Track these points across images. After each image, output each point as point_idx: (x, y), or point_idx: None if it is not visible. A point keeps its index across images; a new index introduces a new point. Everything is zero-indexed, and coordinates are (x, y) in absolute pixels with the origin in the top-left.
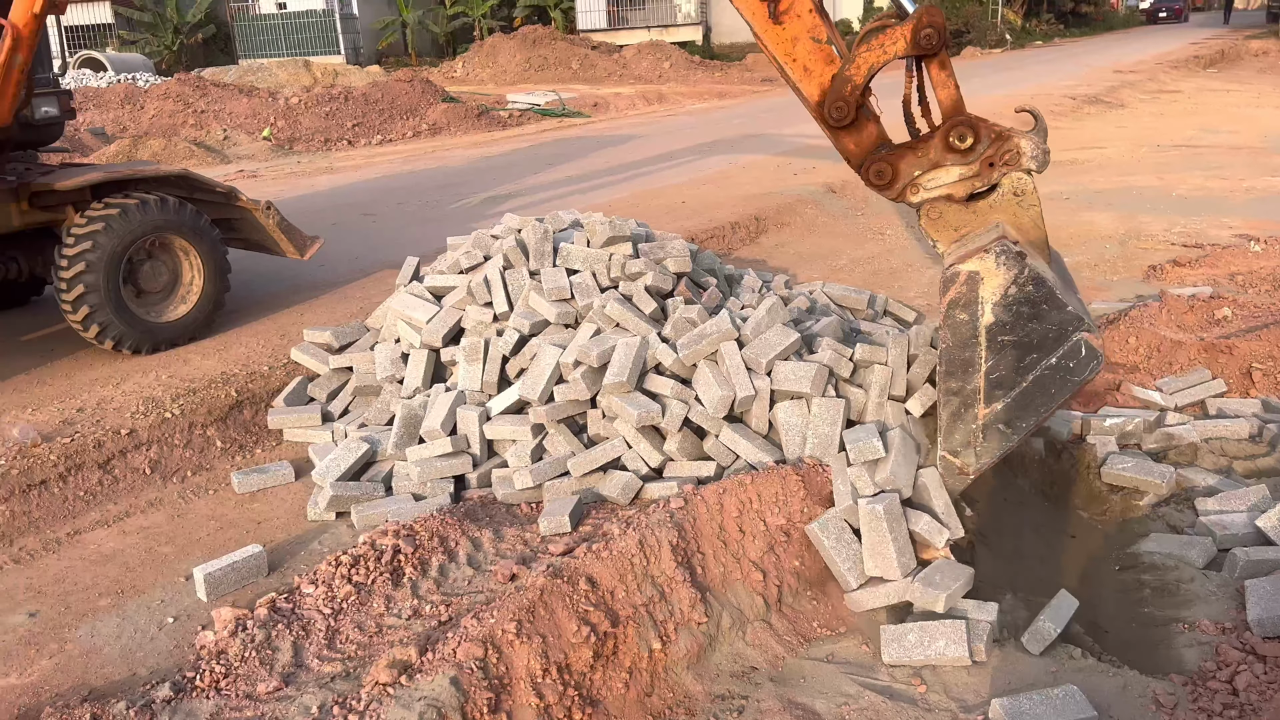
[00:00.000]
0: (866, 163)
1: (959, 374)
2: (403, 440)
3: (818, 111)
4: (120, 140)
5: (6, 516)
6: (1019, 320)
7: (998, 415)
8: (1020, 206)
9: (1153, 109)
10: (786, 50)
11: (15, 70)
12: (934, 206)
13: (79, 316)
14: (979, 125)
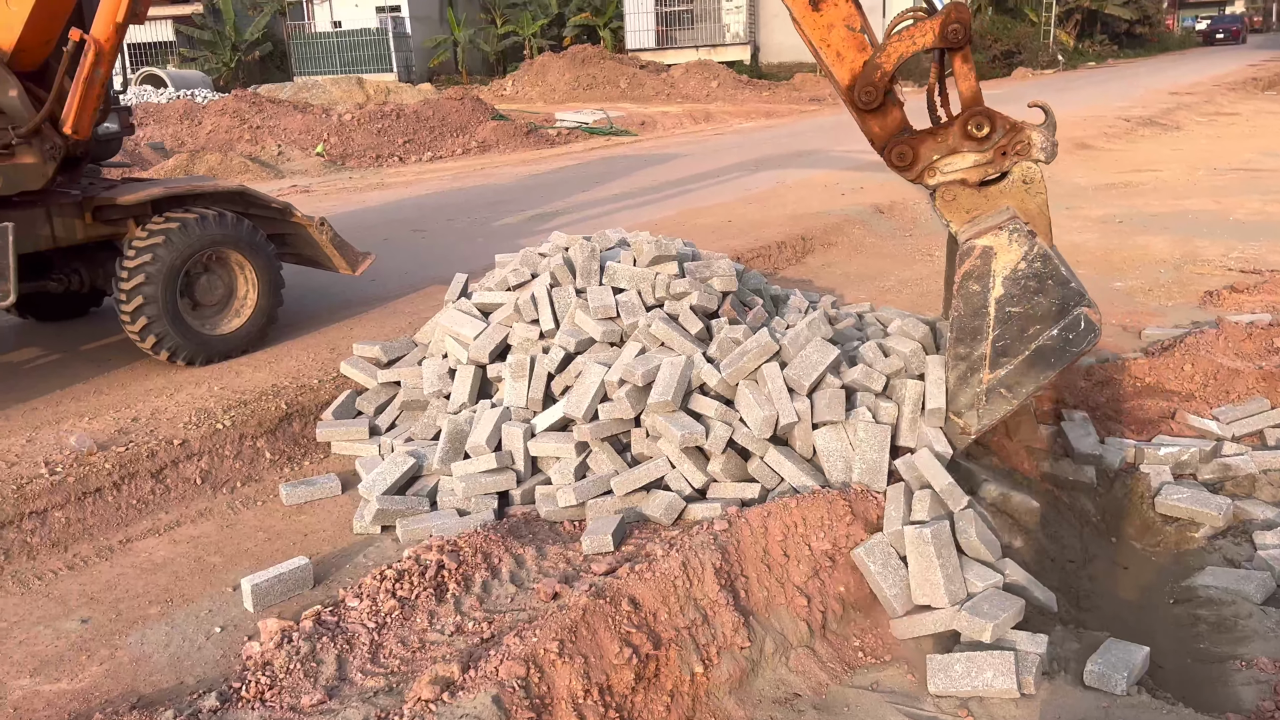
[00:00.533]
0: (889, 145)
1: (968, 340)
2: (448, 455)
3: (848, 95)
4: (178, 155)
5: (62, 523)
6: (1026, 293)
7: (1001, 380)
8: (1028, 193)
9: (1210, 131)
10: (822, 36)
11: (96, 84)
12: (949, 189)
13: (137, 327)
14: (995, 116)
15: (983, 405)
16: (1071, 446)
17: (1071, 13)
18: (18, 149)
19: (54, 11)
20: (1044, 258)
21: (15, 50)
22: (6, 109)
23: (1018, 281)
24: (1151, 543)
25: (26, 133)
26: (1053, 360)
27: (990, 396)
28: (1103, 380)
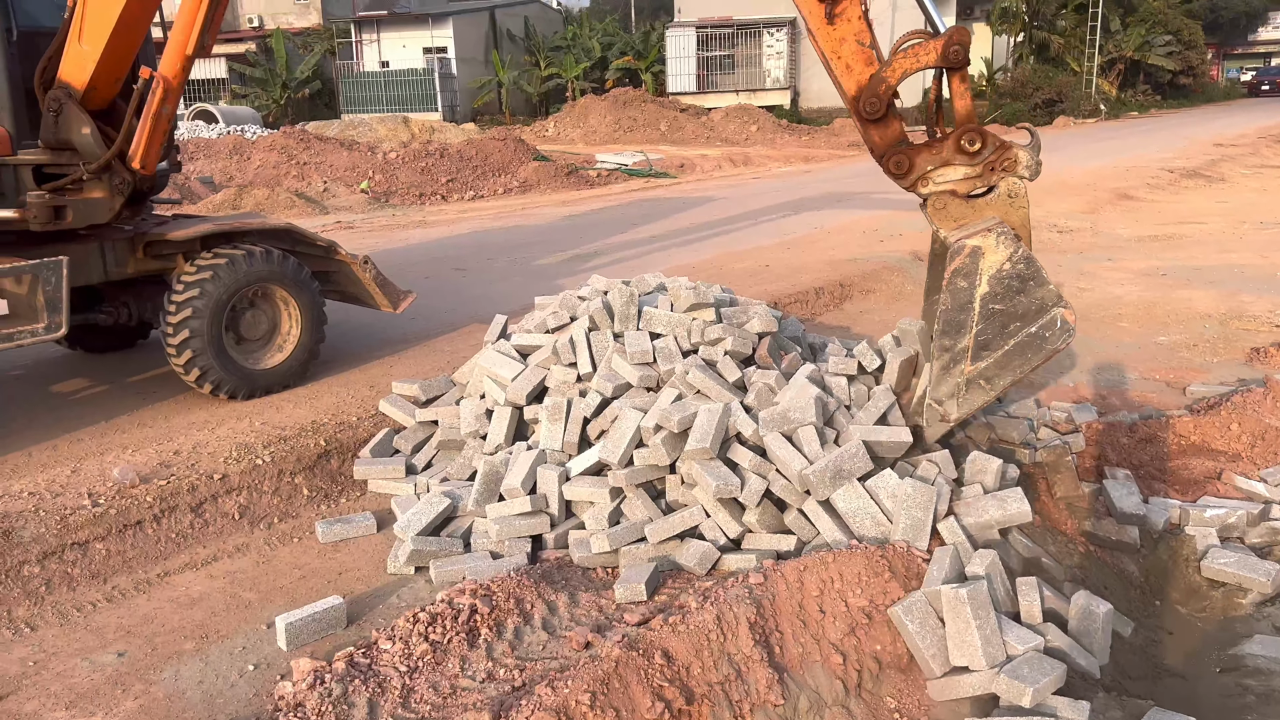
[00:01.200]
0: (888, 154)
1: (952, 333)
2: (483, 497)
3: (853, 104)
4: (227, 189)
5: (103, 555)
6: (1009, 292)
7: (981, 372)
8: (1012, 206)
9: (1255, 184)
10: (834, 48)
11: (164, 121)
12: (940, 198)
13: (182, 360)
14: (986, 134)
15: (962, 395)
16: (1114, 505)
17: (1114, 62)
18: (87, 184)
19: (124, 50)
20: (1027, 260)
21: (86, 89)
22: (79, 146)
23: (1002, 280)
24: (1197, 608)
25: (97, 168)
26: (1030, 355)
27: (970, 387)
28: (1146, 437)
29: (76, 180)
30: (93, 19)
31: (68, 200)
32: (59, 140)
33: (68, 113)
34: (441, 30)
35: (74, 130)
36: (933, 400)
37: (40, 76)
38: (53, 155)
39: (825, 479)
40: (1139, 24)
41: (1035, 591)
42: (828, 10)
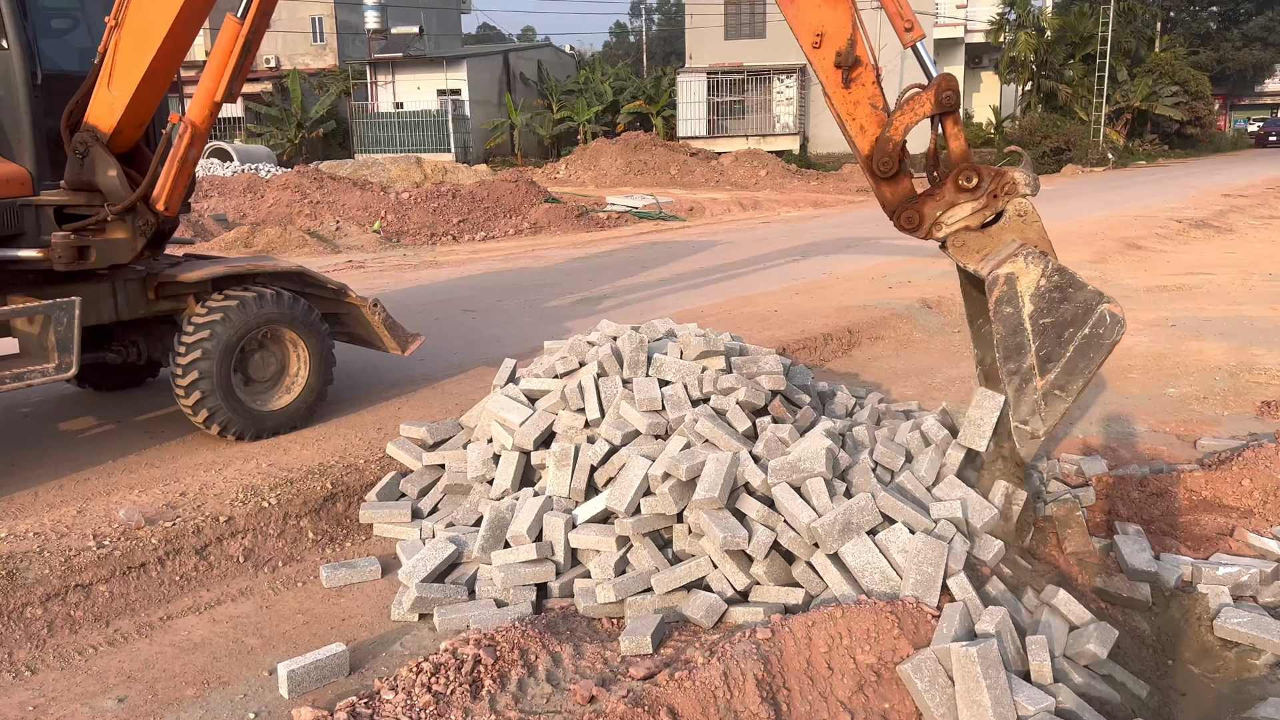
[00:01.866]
0: (898, 211)
1: (1015, 357)
2: (489, 543)
3: (867, 164)
4: (240, 227)
5: (106, 598)
6: (1053, 304)
7: (1052, 383)
8: (1025, 225)
9: (1264, 235)
10: (849, 111)
11: (189, 164)
12: (957, 237)
13: (190, 401)
14: (980, 168)
15: (1042, 409)
16: (1125, 562)
17: (1121, 112)
18: (110, 225)
19: (153, 95)
20: (1060, 271)
21: (113, 132)
22: (104, 188)
23: (1043, 296)
24: (1210, 668)
25: (122, 209)
26: (1091, 355)
27: (1047, 400)
28: (1157, 492)
29: (100, 221)
30: (123, 66)
31: (91, 240)
32: (84, 182)
33: (94, 155)
34: (456, 73)
35: (100, 172)
36: (1017, 423)
37: (67, 119)
38: (75, 196)
39: (834, 532)
40: (1146, 74)
41: (1045, 651)
42: (844, 76)
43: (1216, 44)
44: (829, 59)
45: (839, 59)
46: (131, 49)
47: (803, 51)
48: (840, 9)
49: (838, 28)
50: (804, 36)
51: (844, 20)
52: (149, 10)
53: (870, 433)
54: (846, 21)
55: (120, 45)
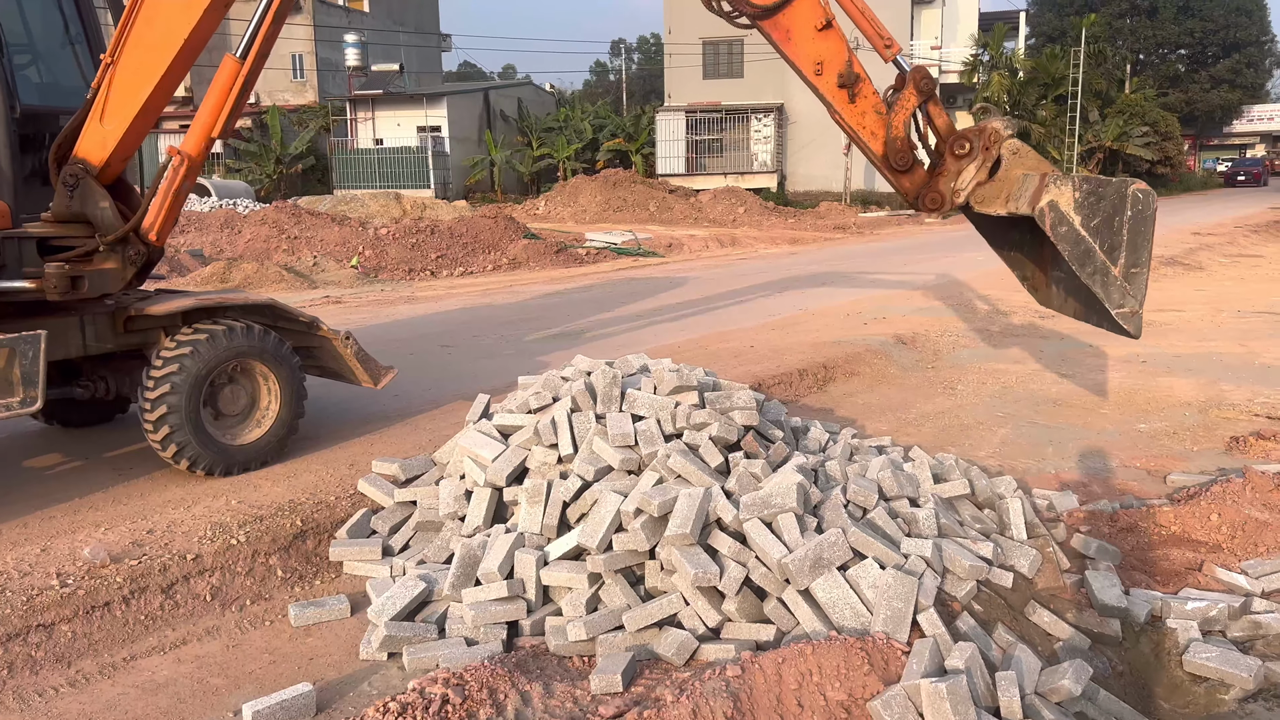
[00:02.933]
0: (921, 196)
1: (1087, 261)
2: (460, 581)
3: (883, 162)
4: (216, 262)
5: (68, 638)
6: (1093, 207)
7: (1125, 264)
8: (1022, 157)
9: (1233, 273)
10: (859, 121)
11: (182, 196)
12: (975, 194)
13: (159, 436)
14: (965, 133)
15: (1129, 289)
16: (1095, 597)
17: (1093, 152)
18: (99, 255)
19: (143, 130)
20: (1085, 179)
21: (103, 166)
22: (95, 219)
23: (1082, 205)
24: (1180, 703)
25: (114, 240)
26: (1142, 228)
27: (1129, 278)
28: (1127, 527)
29: (88, 252)
30: (117, 102)
31: (83, 271)
32: (73, 213)
33: (85, 187)
34: (436, 110)
35: (91, 204)
36: (1116, 311)
37: (56, 152)
38: (61, 228)
39: (804, 567)
40: (1117, 115)
41: (1015, 687)
42: (849, 94)
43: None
44: (832, 82)
45: (841, 80)
46: (126, 86)
47: (806, 81)
48: (833, 38)
49: (834, 54)
50: (806, 67)
51: (838, 46)
52: (146, 49)
53: (843, 468)
54: (841, 47)
55: (115, 82)
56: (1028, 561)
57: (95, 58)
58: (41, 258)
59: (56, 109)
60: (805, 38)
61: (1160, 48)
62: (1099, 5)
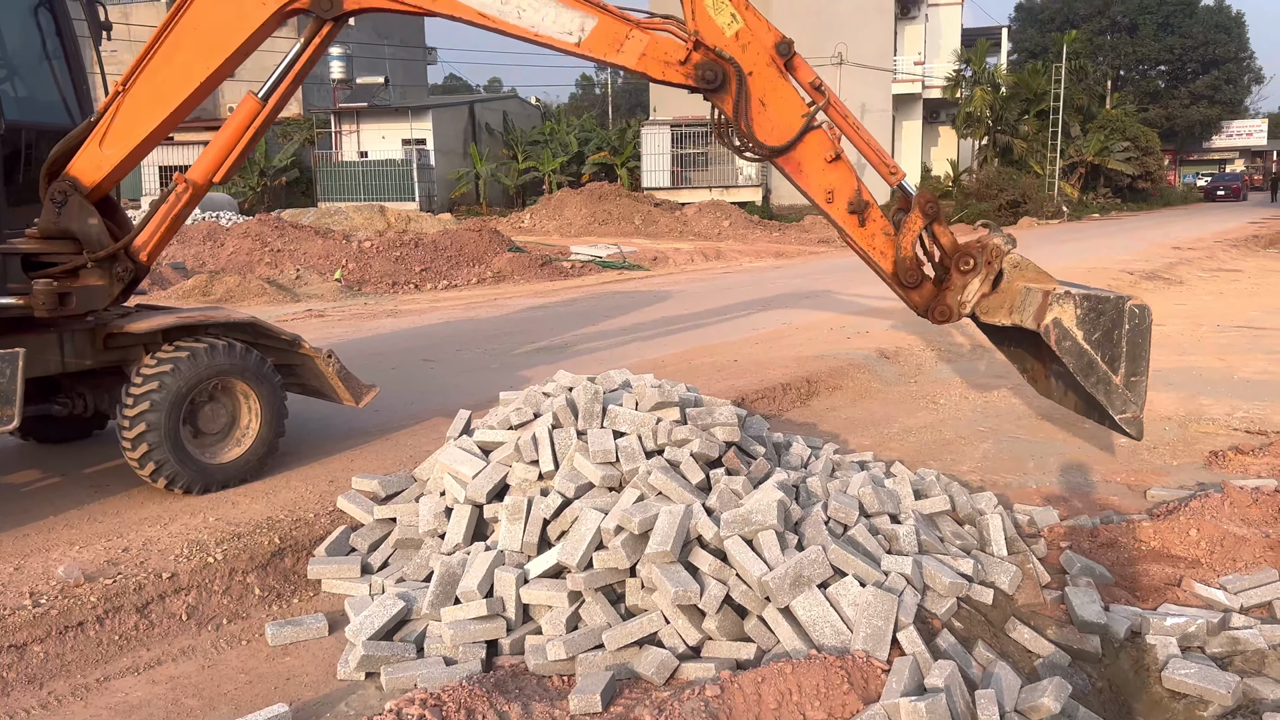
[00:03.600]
0: (930, 309)
1: (1091, 372)
2: (439, 599)
3: (893, 279)
4: (198, 275)
5: (41, 659)
6: (1094, 323)
7: (1126, 373)
8: (1023, 270)
9: (1212, 288)
10: (869, 243)
11: (181, 220)
12: (980, 305)
13: (136, 454)
14: (969, 248)
15: (1130, 396)
16: (1075, 614)
17: (1075, 166)
18: (86, 271)
19: (141, 156)
20: (1085, 298)
21: (95, 187)
22: (83, 236)
23: (1084, 321)
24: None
25: (103, 257)
26: (1140, 340)
27: (1130, 386)
28: (1107, 542)
29: (74, 268)
30: (122, 129)
31: (71, 287)
32: (60, 230)
33: (73, 204)
34: (421, 123)
35: (80, 220)
36: (1119, 417)
37: (48, 168)
38: (47, 244)
39: (784, 585)
40: (1098, 130)
41: (994, 705)
42: (859, 219)
43: (1165, 102)
44: (843, 209)
45: (851, 207)
46: (134, 116)
47: (818, 207)
48: (841, 169)
49: (843, 183)
50: (817, 196)
51: (847, 176)
52: (160, 83)
53: (824, 484)
54: (850, 176)
55: (123, 110)
56: (1008, 578)
57: (74, 74)
58: (25, 274)
59: (37, 125)
60: (816, 170)
61: (1140, 64)
62: (1080, 22)
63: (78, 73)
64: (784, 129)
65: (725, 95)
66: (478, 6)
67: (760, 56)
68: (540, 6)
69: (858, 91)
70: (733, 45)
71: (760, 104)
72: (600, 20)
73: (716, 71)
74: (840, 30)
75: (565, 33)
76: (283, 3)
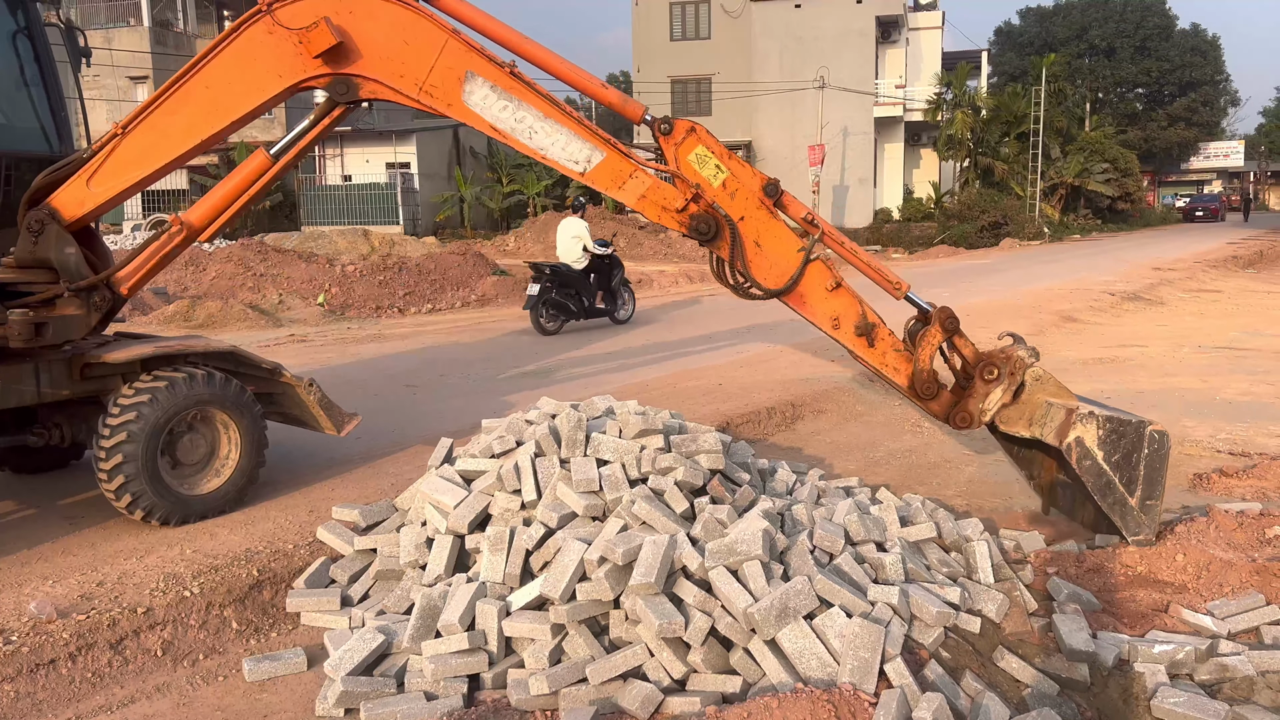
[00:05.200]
0: (951, 417)
1: (1108, 493)
2: (420, 632)
3: (910, 392)
4: (179, 300)
5: (11, 698)
6: (1115, 444)
7: (1142, 496)
8: (1043, 384)
9: (1193, 308)
10: (880, 361)
11: (170, 260)
12: (1000, 415)
13: (113, 486)
14: (994, 358)
15: (1144, 520)
16: (1063, 641)
17: (1056, 188)
18: (62, 301)
19: (125, 198)
20: (1108, 419)
21: (74, 220)
22: (60, 265)
23: (1105, 442)
24: None
25: (83, 287)
26: (1158, 465)
27: (1144, 510)
28: (1094, 567)
29: (50, 298)
30: (114, 171)
31: (47, 317)
32: (36, 259)
33: (50, 233)
34: (405, 146)
35: (57, 250)
36: (1132, 539)
37: (30, 196)
38: (20, 273)
39: (770, 617)
40: (1078, 152)
41: None
42: (867, 340)
43: (1143, 124)
44: (850, 333)
45: (858, 330)
46: (128, 161)
47: (826, 333)
48: (844, 296)
49: (847, 309)
50: (823, 324)
51: (850, 302)
52: (161, 134)
53: (809, 512)
54: (852, 302)
55: (118, 153)
56: (995, 606)
57: (52, 101)
58: (0, 304)
59: (15, 153)
60: (819, 300)
61: (1118, 86)
62: (1058, 45)
63: (56, 100)
64: (782, 268)
65: (720, 243)
66: (492, 121)
67: (750, 201)
68: (552, 133)
69: (840, 115)
70: (721, 195)
71: (756, 245)
72: (607, 156)
73: (710, 224)
74: (822, 54)
75: (572, 161)
76: (300, 79)
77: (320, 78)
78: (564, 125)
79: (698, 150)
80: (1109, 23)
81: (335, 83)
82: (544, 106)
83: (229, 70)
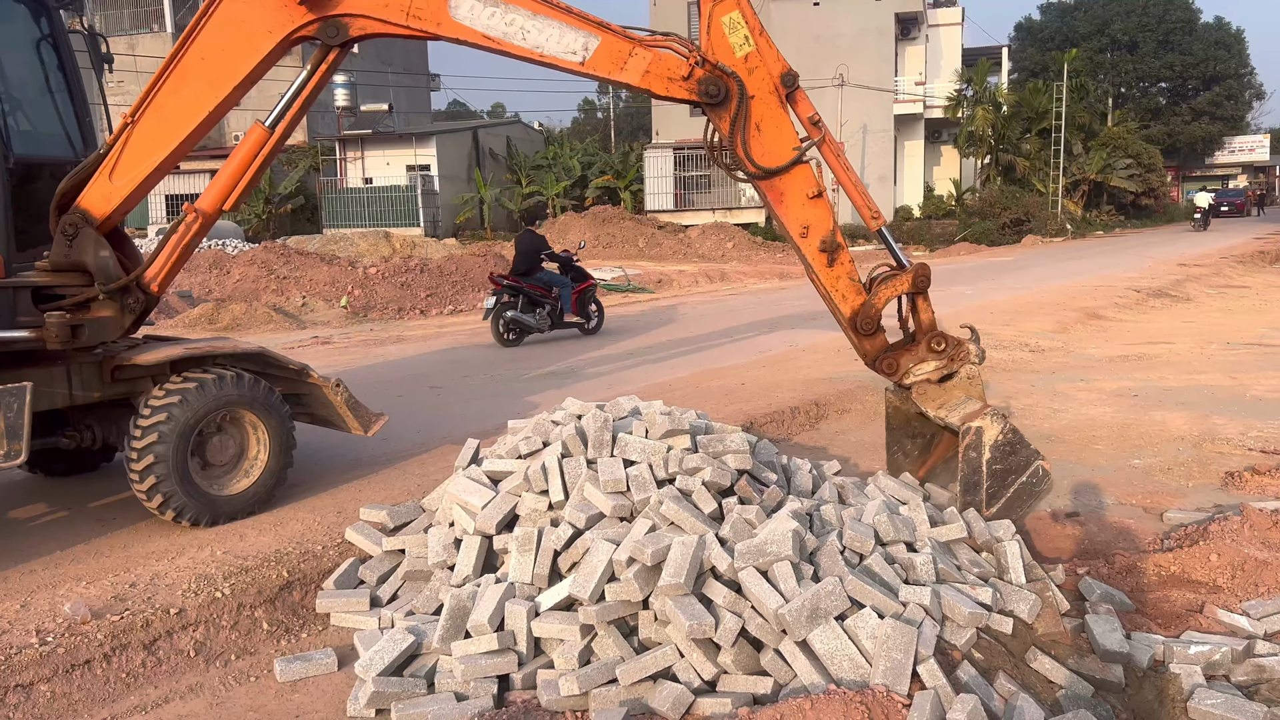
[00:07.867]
0: (879, 359)
1: (971, 491)
2: (449, 633)
3: (849, 323)
4: (204, 303)
5: (47, 698)
6: (1004, 455)
7: (995, 514)
8: (971, 385)
9: (1220, 304)
10: (833, 284)
11: (191, 250)
12: (921, 386)
13: (145, 486)
14: (946, 335)
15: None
16: (1097, 643)
17: (1079, 184)
18: (98, 304)
19: (150, 187)
20: (1014, 430)
21: (105, 219)
22: (94, 268)
23: (999, 448)
24: None
25: (116, 288)
26: (1025, 498)
27: (987, 517)
28: (1126, 568)
29: (85, 300)
30: (131, 161)
31: (83, 319)
32: (71, 262)
33: (84, 236)
34: (425, 149)
35: (91, 253)
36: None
37: (58, 201)
38: (56, 277)
39: (801, 618)
40: (1100, 148)
41: None
42: (829, 258)
43: (1167, 119)
44: (814, 245)
45: (823, 245)
46: (142, 148)
47: (789, 239)
48: (821, 207)
49: (820, 221)
50: (793, 228)
51: (825, 215)
52: (167, 117)
53: (838, 512)
54: (827, 215)
55: (131, 142)
56: (1027, 606)
57: (76, 107)
58: (36, 307)
59: (43, 159)
60: (797, 203)
61: (1141, 81)
62: (1080, 40)
63: (80, 106)
64: (774, 156)
65: (724, 112)
66: (483, 30)
67: (765, 83)
68: (544, 28)
69: (859, 113)
70: (740, 66)
71: (756, 128)
72: (604, 39)
73: (720, 86)
74: (841, 52)
75: (569, 52)
76: (289, 30)
77: (309, 25)
78: (555, 18)
79: (733, 15)
80: (1131, 16)
81: (324, 27)
82: (531, 4)
83: (219, 37)
